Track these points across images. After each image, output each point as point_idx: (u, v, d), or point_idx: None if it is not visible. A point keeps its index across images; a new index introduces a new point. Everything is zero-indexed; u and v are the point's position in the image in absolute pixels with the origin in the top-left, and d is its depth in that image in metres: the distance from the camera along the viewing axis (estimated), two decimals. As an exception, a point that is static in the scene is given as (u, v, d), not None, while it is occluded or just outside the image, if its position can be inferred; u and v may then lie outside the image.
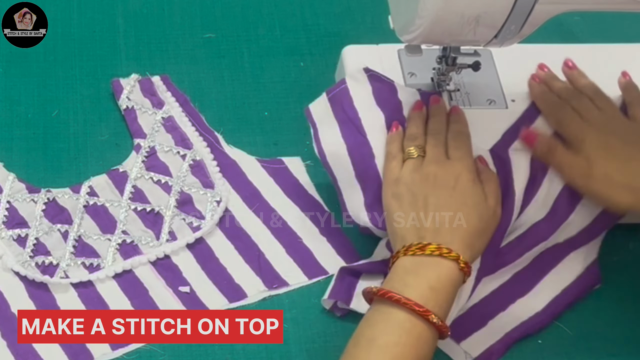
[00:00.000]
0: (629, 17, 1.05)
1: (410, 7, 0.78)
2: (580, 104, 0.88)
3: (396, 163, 0.85)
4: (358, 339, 0.75)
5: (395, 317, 0.74)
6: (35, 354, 0.82)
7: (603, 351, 0.86)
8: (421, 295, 0.74)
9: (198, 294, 0.87)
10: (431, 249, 0.77)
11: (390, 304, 0.74)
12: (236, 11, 1.09)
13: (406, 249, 0.78)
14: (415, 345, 0.73)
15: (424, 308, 0.74)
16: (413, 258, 0.77)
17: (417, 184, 0.82)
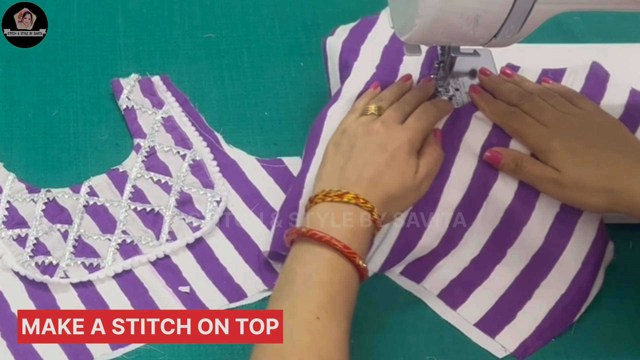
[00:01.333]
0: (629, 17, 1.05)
1: (410, 7, 0.78)
2: (534, 105, 0.87)
3: (353, 116, 0.87)
4: (292, 277, 0.76)
5: (326, 257, 0.76)
6: (35, 354, 0.82)
7: (603, 351, 0.86)
8: (345, 237, 0.77)
9: (198, 294, 0.87)
10: (349, 197, 0.79)
11: (319, 244, 0.76)
12: (236, 11, 1.09)
13: (325, 195, 0.80)
14: (346, 285, 0.76)
15: (351, 250, 0.76)
16: (331, 204, 0.79)
17: (358, 137, 0.83)
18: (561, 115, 0.86)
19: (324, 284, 0.75)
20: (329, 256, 0.76)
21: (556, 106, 0.86)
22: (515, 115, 0.87)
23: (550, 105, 0.87)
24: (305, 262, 0.77)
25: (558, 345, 0.86)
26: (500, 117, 0.87)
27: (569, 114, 0.86)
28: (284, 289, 0.76)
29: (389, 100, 0.88)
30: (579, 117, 0.86)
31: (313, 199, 0.81)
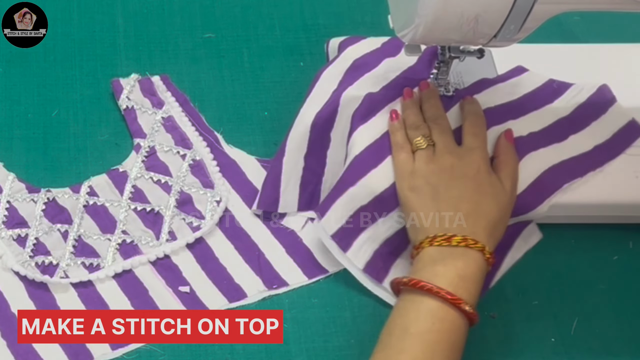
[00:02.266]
0: (629, 17, 1.05)
1: (410, 7, 0.78)
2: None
3: (405, 154, 0.85)
4: (391, 329, 0.75)
5: (427, 306, 0.75)
6: (35, 354, 0.82)
7: (603, 351, 0.86)
8: (451, 283, 0.75)
9: (198, 294, 0.87)
10: (457, 240, 0.78)
11: (421, 293, 0.75)
12: (236, 11, 1.09)
13: (431, 240, 0.79)
14: (448, 333, 0.74)
15: (455, 296, 0.75)
16: (439, 249, 0.78)
17: (436, 175, 0.82)
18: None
19: (421, 334, 0.73)
20: (431, 305, 0.75)
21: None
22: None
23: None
24: (406, 312, 0.76)
25: (558, 345, 0.86)
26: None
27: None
28: (382, 341, 0.75)
29: (422, 122, 0.86)
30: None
31: (418, 245, 0.79)
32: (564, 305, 0.88)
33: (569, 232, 0.92)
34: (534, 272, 0.90)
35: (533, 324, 0.87)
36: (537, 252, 0.91)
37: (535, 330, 0.87)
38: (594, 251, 0.92)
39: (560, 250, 0.91)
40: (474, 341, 0.85)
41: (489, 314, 0.87)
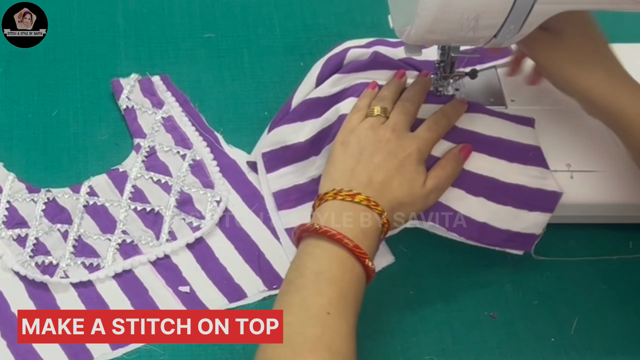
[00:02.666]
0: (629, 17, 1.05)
1: (410, 7, 0.78)
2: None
3: (358, 116, 0.87)
4: (302, 271, 0.76)
5: (337, 254, 0.77)
6: (35, 354, 0.82)
7: (603, 351, 0.86)
8: (356, 237, 0.77)
9: (198, 294, 0.87)
10: (360, 198, 0.80)
11: (330, 241, 0.77)
12: (236, 11, 1.09)
13: (336, 193, 0.80)
14: (355, 283, 0.76)
15: (362, 250, 0.77)
16: (342, 203, 0.80)
17: (368, 140, 0.84)
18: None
19: (335, 280, 0.75)
20: (340, 254, 0.77)
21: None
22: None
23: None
24: (317, 257, 0.77)
25: (558, 345, 0.86)
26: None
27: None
28: (294, 282, 0.76)
29: (391, 99, 0.88)
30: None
31: (323, 196, 0.81)
32: (564, 305, 0.88)
33: (569, 232, 0.92)
34: (534, 272, 0.90)
35: (533, 324, 0.87)
36: (537, 251, 0.91)
37: (535, 330, 0.87)
38: (594, 251, 0.92)
39: (560, 251, 0.91)
40: (474, 341, 0.86)
41: (489, 314, 0.88)
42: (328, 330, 0.73)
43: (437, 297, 0.88)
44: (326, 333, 0.72)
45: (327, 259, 0.77)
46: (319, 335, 0.72)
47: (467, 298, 0.88)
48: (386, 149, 0.83)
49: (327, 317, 0.73)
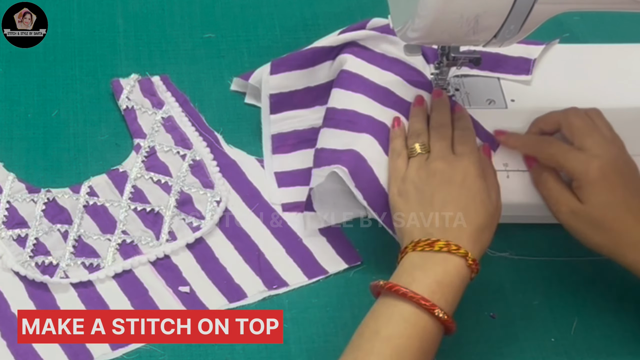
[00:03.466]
0: (629, 17, 1.05)
1: (410, 7, 0.78)
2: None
3: (401, 161, 0.85)
4: (362, 330, 0.75)
5: (400, 310, 0.74)
6: (35, 354, 0.82)
7: (603, 351, 0.86)
8: (428, 289, 0.75)
9: (198, 294, 0.87)
10: (440, 245, 0.77)
11: (396, 297, 0.75)
12: (236, 11, 1.09)
13: (414, 245, 0.78)
14: (419, 338, 0.74)
15: (429, 302, 0.74)
16: (421, 254, 0.78)
17: (424, 181, 0.82)
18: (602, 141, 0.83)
19: (391, 337, 0.73)
20: (403, 309, 0.74)
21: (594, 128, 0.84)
22: (549, 142, 0.85)
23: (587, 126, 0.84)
24: (379, 315, 0.75)
25: (558, 345, 0.86)
26: (533, 147, 0.86)
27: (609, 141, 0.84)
28: (353, 342, 0.75)
29: (425, 130, 0.87)
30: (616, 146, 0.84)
31: (403, 250, 0.79)
32: (564, 305, 0.88)
33: (569, 232, 0.92)
34: (534, 272, 0.90)
35: (533, 324, 0.87)
36: (537, 252, 0.91)
37: (535, 330, 0.87)
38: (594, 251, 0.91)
39: (560, 251, 0.91)
40: (474, 341, 0.86)
41: (489, 314, 0.88)
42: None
43: (437, 297, 0.88)
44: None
45: (387, 315, 0.75)
46: None
47: (467, 298, 0.88)
48: (444, 180, 0.81)
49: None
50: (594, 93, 0.95)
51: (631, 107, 0.94)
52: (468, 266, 0.77)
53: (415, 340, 0.74)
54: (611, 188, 0.80)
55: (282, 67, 0.96)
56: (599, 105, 0.91)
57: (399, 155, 0.86)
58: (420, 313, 0.74)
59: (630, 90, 0.95)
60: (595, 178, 0.81)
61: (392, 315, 0.74)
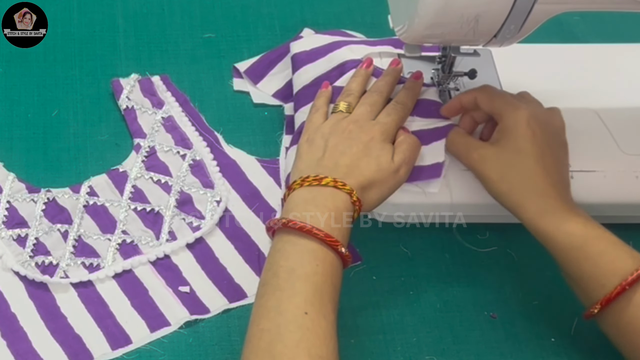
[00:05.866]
0: (629, 17, 1.05)
1: (410, 7, 0.78)
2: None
3: (319, 115, 0.87)
4: (275, 270, 0.75)
5: (308, 248, 0.76)
6: (35, 353, 0.82)
7: (603, 351, 0.86)
8: (326, 225, 0.76)
9: (198, 294, 0.87)
10: (327, 181, 0.79)
11: (300, 234, 0.76)
12: (236, 11, 1.09)
13: (302, 180, 0.80)
14: (330, 274, 0.75)
15: (333, 238, 0.76)
16: (309, 189, 0.79)
17: (332, 134, 0.84)
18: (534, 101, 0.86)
19: (308, 276, 0.74)
20: (311, 247, 0.76)
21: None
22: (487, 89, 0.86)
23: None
24: (288, 254, 0.76)
25: (558, 345, 0.86)
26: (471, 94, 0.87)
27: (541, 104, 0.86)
28: (269, 283, 0.75)
29: (358, 92, 0.88)
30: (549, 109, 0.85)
31: (291, 185, 0.80)
32: (564, 305, 0.88)
33: (569, 232, 0.92)
34: (534, 272, 0.90)
35: (533, 324, 0.87)
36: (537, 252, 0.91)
37: (535, 330, 0.87)
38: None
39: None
40: (474, 341, 0.86)
41: (489, 314, 0.88)
42: (307, 333, 0.71)
43: (437, 297, 0.88)
44: (305, 336, 0.71)
45: (297, 254, 0.76)
46: (298, 339, 0.71)
47: (467, 298, 0.88)
48: (349, 137, 0.83)
49: (304, 317, 0.72)
50: (594, 93, 0.95)
51: (631, 107, 0.94)
52: (353, 202, 0.79)
53: (327, 277, 0.75)
54: (531, 137, 0.81)
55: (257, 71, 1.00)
56: (598, 105, 0.91)
57: (317, 110, 0.88)
58: (326, 249, 0.76)
59: (630, 90, 0.95)
60: (520, 122, 0.82)
61: (302, 253, 0.75)
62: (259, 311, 0.74)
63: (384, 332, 0.86)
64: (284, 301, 0.73)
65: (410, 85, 0.89)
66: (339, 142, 0.83)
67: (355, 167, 0.81)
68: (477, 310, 0.88)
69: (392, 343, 0.85)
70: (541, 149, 0.81)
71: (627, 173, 0.89)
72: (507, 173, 0.82)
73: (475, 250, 0.91)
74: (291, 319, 0.72)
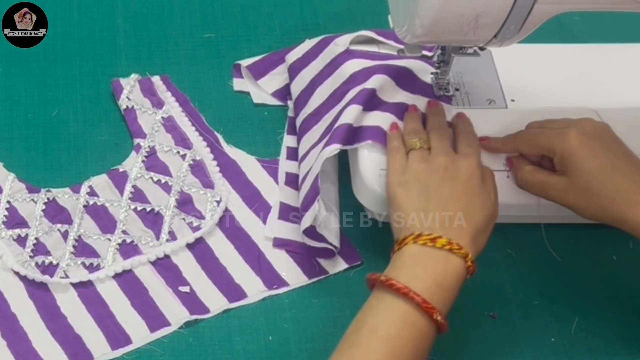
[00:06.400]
0: (629, 17, 1.05)
1: (410, 7, 0.78)
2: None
3: (400, 156, 0.84)
4: (359, 327, 0.74)
5: (400, 309, 0.73)
6: (35, 353, 0.82)
7: (603, 351, 0.86)
8: (428, 289, 0.74)
9: (198, 294, 0.87)
10: (442, 243, 0.76)
11: (395, 295, 0.74)
12: (236, 11, 1.09)
13: (416, 237, 0.76)
14: (416, 340, 0.73)
15: (430, 305, 0.73)
16: (423, 248, 0.76)
17: (426, 173, 0.81)
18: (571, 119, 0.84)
19: (390, 338, 0.72)
20: (403, 309, 0.73)
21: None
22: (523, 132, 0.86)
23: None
24: (377, 312, 0.74)
25: (558, 345, 0.86)
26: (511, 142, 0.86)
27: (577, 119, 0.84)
28: (349, 338, 0.74)
29: (422, 130, 0.86)
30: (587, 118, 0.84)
31: (402, 240, 0.77)
32: (564, 305, 0.88)
33: (569, 232, 0.92)
34: (534, 272, 0.90)
35: (533, 324, 0.87)
36: (537, 252, 0.91)
37: (535, 330, 0.87)
38: (594, 251, 0.92)
39: (560, 250, 0.91)
40: (474, 341, 0.86)
41: (489, 314, 0.88)
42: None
43: (437, 297, 0.88)
44: None
45: (385, 314, 0.73)
46: None
47: (467, 298, 0.88)
48: (448, 177, 0.80)
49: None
50: (594, 93, 0.95)
51: (631, 107, 0.94)
52: (466, 268, 0.76)
53: (412, 342, 0.73)
54: (592, 154, 0.80)
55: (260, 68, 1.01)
56: (599, 105, 0.91)
57: (398, 151, 0.84)
58: (419, 314, 0.73)
59: (630, 90, 0.95)
60: (574, 147, 0.80)
61: (391, 314, 0.73)
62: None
63: (384, 332, 0.85)
64: (355, 358, 0.72)
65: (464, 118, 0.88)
66: (439, 184, 0.79)
67: (467, 218, 0.77)
68: (477, 310, 0.88)
69: (392, 343, 0.85)
70: (607, 158, 0.80)
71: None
72: (591, 197, 0.80)
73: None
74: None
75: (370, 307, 0.75)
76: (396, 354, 0.72)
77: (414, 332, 0.73)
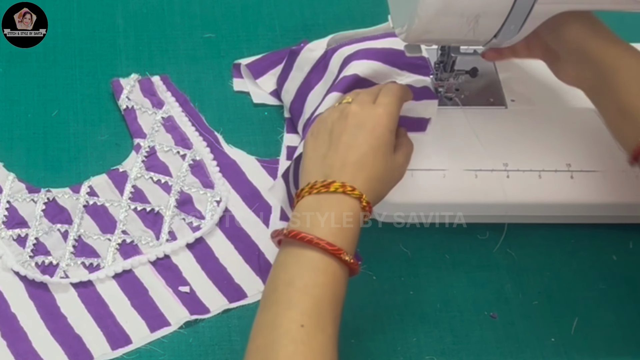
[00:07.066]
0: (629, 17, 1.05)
1: (410, 7, 0.78)
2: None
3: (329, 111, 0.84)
4: (275, 284, 0.74)
5: (309, 258, 0.74)
6: (35, 353, 0.82)
7: (603, 351, 0.86)
8: (330, 233, 0.74)
9: (198, 294, 0.87)
10: (335, 187, 0.76)
11: (301, 245, 0.74)
12: (236, 11, 1.09)
13: (311, 187, 0.77)
14: (331, 285, 0.74)
15: (335, 247, 0.74)
16: (317, 196, 0.77)
17: (335, 122, 0.81)
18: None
19: (307, 288, 0.72)
20: (312, 257, 0.73)
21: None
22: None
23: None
24: (288, 266, 0.74)
25: (558, 345, 0.86)
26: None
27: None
28: (268, 297, 0.74)
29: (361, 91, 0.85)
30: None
31: (299, 193, 0.78)
32: (564, 305, 0.88)
33: (569, 232, 0.92)
34: (534, 272, 0.90)
35: (533, 324, 0.87)
36: (537, 252, 0.91)
37: (535, 330, 0.87)
38: (594, 251, 0.92)
39: (560, 250, 0.91)
40: (474, 341, 0.86)
41: (489, 314, 0.88)
42: (301, 347, 0.70)
43: (437, 297, 0.88)
44: (298, 350, 0.69)
45: (296, 265, 0.74)
46: (291, 352, 0.69)
47: (467, 298, 0.88)
48: (353, 124, 0.80)
49: (299, 331, 0.70)
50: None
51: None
52: (362, 208, 0.77)
53: (328, 287, 0.73)
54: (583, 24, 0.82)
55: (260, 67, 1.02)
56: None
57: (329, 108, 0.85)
58: (327, 259, 0.73)
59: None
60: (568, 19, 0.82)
61: (301, 265, 0.74)
62: (255, 327, 0.73)
63: (384, 332, 0.86)
64: (280, 315, 0.71)
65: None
66: (343, 129, 0.79)
67: (364, 164, 0.78)
68: (477, 310, 0.88)
69: (392, 343, 0.85)
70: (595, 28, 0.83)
71: (627, 173, 0.89)
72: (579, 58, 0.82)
73: (475, 250, 0.91)
74: (285, 332, 0.70)
75: (280, 262, 0.75)
76: (316, 301, 0.72)
77: (328, 277, 0.73)
